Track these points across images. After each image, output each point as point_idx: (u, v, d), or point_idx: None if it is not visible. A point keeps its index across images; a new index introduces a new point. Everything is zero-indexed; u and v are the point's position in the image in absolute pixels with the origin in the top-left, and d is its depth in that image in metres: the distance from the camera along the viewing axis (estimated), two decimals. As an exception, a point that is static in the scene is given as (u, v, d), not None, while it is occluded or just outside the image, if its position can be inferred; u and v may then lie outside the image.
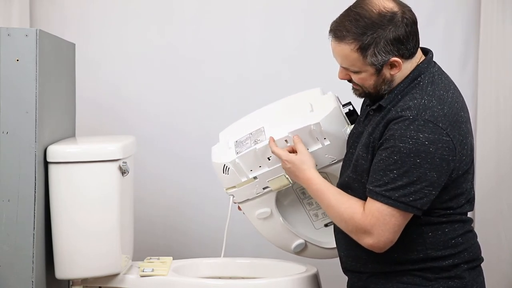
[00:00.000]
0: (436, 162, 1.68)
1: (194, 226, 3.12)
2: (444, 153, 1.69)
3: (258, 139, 2.07)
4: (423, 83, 1.77)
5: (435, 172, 1.69)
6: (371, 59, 1.75)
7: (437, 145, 1.68)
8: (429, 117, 1.69)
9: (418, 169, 1.68)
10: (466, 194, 1.80)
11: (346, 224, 1.79)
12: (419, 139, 1.67)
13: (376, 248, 1.75)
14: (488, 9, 2.96)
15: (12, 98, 2.02)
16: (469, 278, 1.79)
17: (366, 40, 1.73)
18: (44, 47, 2.08)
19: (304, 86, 2.89)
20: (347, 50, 1.76)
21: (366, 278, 1.86)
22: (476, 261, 1.83)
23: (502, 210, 2.98)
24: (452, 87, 1.79)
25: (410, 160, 1.68)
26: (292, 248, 2.22)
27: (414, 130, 1.68)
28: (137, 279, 2.25)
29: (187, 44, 3.08)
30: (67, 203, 2.13)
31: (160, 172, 3.10)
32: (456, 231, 1.79)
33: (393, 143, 1.70)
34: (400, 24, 1.73)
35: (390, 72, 1.78)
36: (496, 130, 2.97)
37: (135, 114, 3.09)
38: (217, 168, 2.14)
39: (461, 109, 1.76)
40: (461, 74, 3.04)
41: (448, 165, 1.70)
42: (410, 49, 1.77)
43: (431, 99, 1.72)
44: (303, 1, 3.06)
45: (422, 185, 1.69)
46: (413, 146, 1.67)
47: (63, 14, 3.06)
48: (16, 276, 2.03)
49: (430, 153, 1.67)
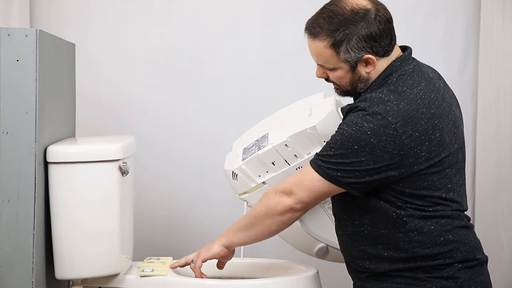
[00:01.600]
0: (376, 152, 1.72)
1: (194, 226, 3.12)
2: (388, 146, 1.71)
3: (261, 145, 2.12)
4: (391, 81, 1.79)
5: (372, 161, 1.73)
6: (344, 55, 1.78)
7: (380, 137, 1.71)
8: (380, 109, 1.72)
9: (354, 155, 1.73)
10: (442, 189, 1.79)
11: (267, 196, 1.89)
12: (362, 127, 1.72)
13: (288, 208, 1.84)
14: (488, 9, 2.96)
15: (12, 98, 2.02)
16: (465, 278, 1.78)
17: (339, 37, 1.77)
18: (44, 47, 2.08)
19: (305, 85, 2.91)
20: (321, 47, 1.80)
21: (364, 279, 1.87)
22: (474, 260, 1.81)
23: (502, 210, 2.98)
24: (422, 84, 1.79)
25: (348, 145, 1.74)
26: (315, 252, 2.24)
27: (361, 119, 1.73)
28: (137, 279, 2.25)
29: (187, 43, 3.08)
30: (67, 203, 2.13)
31: (160, 172, 3.10)
32: (443, 227, 1.78)
33: (341, 125, 1.78)
34: (372, 21, 1.76)
35: (366, 70, 1.81)
36: (496, 130, 2.97)
37: (135, 114, 3.09)
38: (227, 175, 2.19)
39: (425, 106, 1.75)
40: (461, 74, 3.04)
41: (392, 158, 1.72)
42: (384, 46, 1.79)
43: (389, 94, 1.76)
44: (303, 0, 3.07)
45: (354, 168, 1.74)
46: (355, 133, 1.73)
47: (63, 14, 3.06)
48: (16, 276, 2.03)
49: (370, 143, 1.72)
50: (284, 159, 2.08)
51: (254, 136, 2.21)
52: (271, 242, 3.00)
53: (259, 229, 1.93)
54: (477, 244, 1.84)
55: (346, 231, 1.89)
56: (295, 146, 2.06)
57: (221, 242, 2.03)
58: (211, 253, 2.04)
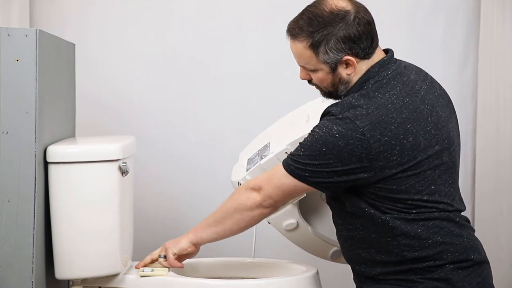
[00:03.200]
0: (344, 155, 1.74)
1: (194, 226, 3.12)
2: (355, 149, 1.73)
3: (264, 155, 2.14)
4: (366, 87, 1.80)
5: (339, 163, 1.75)
6: (323, 56, 1.80)
7: (348, 141, 1.73)
8: (349, 114, 1.74)
9: (322, 157, 1.75)
10: (424, 191, 1.78)
11: (237, 192, 1.94)
12: (331, 130, 1.74)
13: (257, 203, 1.88)
14: (488, 9, 2.96)
15: (12, 98, 2.02)
16: (457, 279, 1.77)
17: (317, 37, 1.79)
18: (44, 47, 2.08)
19: (305, 85, 2.89)
20: (301, 48, 1.83)
21: (363, 281, 1.88)
22: (467, 261, 1.79)
23: (502, 210, 2.98)
24: (398, 88, 1.78)
25: (317, 147, 1.76)
26: (329, 255, 2.25)
27: (331, 122, 1.76)
28: (137, 279, 2.25)
29: (187, 43, 3.08)
30: (67, 203, 2.13)
31: (160, 172, 3.10)
32: (430, 230, 1.78)
33: (313, 128, 1.80)
34: (351, 22, 1.77)
35: (346, 72, 1.82)
36: (496, 130, 2.97)
37: (135, 114, 3.09)
38: (234, 186, 2.22)
39: (396, 111, 1.75)
40: (461, 74, 3.04)
41: (360, 161, 1.73)
42: (364, 48, 1.79)
43: (360, 98, 1.77)
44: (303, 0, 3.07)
45: (322, 169, 1.77)
46: (324, 135, 1.75)
47: (63, 14, 3.06)
48: (16, 276, 2.03)
49: (338, 146, 1.73)
50: None
51: (257, 146, 2.25)
52: (272, 242, 3.01)
53: (228, 224, 1.96)
54: (472, 245, 1.82)
55: (342, 235, 1.91)
56: None
57: (189, 238, 2.07)
58: (179, 248, 2.08)
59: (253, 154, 2.22)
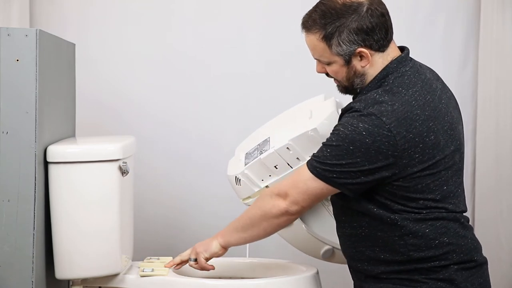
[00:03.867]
0: (371, 153, 1.71)
1: (194, 226, 3.12)
2: (382, 147, 1.71)
3: (263, 149, 2.11)
4: (387, 83, 1.79)
5: (367, 162, 1.72)
6: (336, 48, 1.79)
7: (375, 138, 1.71)
8: (374, 110, 1.72)
9: (350, 156, 1.73)
10: (437, 191, 1.78)
11: (262, 199, 1.90)
12: (357, 128, 1.72)
13: (284, 210, 1.84)
14: (488, 9, 2.96)
15: (12, 98, 2.02)
16: (461, 279, 1.78)
17: (329, 29, 1.78)
18: (44, 47, 2.08)
19: (305, 85, 2.90)
20: (314, 40, 1.82)
21: (363, 279, 1.88)
22: (471, 262, 1.80)
23: (502, 211, 2.98)
24: (418, 85, 1.78)
25: (344, 146, 1.73)
26: (321, 254, 2.23)
27: (356, 120, 1.73)
28: (137, 279, 2.25)
29: (187, 43, 3.08)
30: (67, 203, 2.13)
31: (160, 171, 3.10)
32: (438, 230, 1.78)
33: (337, 127, 1.77)
34: (364, 14, 1.76)
35: (361, 64, 1.81)
36: (496, 130, 2.97)
37: (135, 114, 3.09)
38: (231, 181, 2.18)
39: (420, 108, 1.75)
40: (461, 74, 3.04)
41: (387, 158, 1.72)
42: (378, 40, 1.78)
43: (384, 94, 1.75)
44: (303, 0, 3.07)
45: (349, 169, 1.74)
46: (350, 133, 1.72)
47: (63, 14, 3.06)
48: (16, 276, 2.03)
49: (365, 144, 1.71)
50: (287, 163, 2.08)
51: (255, 141, 2.21)
52: (271, 242, 3.01)
53: (255, 231, 1.94)
54: (475, 246, 1.83)
55: (345, 232, 1.89)
56: (297, 149, 2.05)
57: (218, 242, 2.04)
58: (210, 253, 2.06)
59: (251, 149, 2.19)
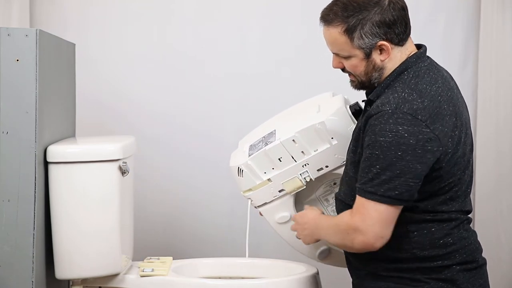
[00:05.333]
0: (419, 153, 1.69)
1: (194, 226, 3.12)
2: (427, 144, 1.69)
3: (269, 141, 2.10)
4: (407, 77, 1.78)
5: (418, 164, 1.69)
6: (358, 41, 1.77)
7: (418, 137, 1.68)
8: (408, 109, 1.70)
9: (401, 162, 1.69)
10: (450, 191, 1.77)
11: (340, 232, 1.81)
12: (398, 131, 1.68)
13: (369, 246, 1.75)
14: (488, 9, 2.96)
15: (12, 98, 2.02)
16: (463, 280, 1.78)
17: (352, 22, 1.76)
18: (44, 47, 2.08)
19: (305, 85, 2.91)
20: (335, 34, 1.79)
21: (363, 276, 1.87)
22: (473, 263, 1.80)
23: (502, 210, 2.98)
24: (440, 82, 1.78)
25: (392, 153, 1.69)
26: (317, 255, 2.21)
27: (393, 123, 1.69)
28: (137, 279, 2.25)
29: (187, 43, 3.08)
30: (67, 203, 2.13)
31: (160, 171, 3.10)
32: (443, 231, 1.77)
33: (374, 138, 1.71)
34: (386, 7, 1.76)
35: (380, 58, 1.79)
36: (496, 130, 2.97)
37: (135, 113, 3.09)
38: (233, 172, 2.16)
39: (446, 103, 1.75)
40: (461, 74, 3.04)
41: (433, 155, 1.70)
42: (398, 34, 1.78)
43: (412, 92, 1.73)
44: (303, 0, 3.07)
45: (406, 177, 1.69)
46: (393, 139, 1.68)
47: (63, 14, 3.06)
48: (16, 276, 2.03)
49: (411, 145, 1.68)
50: (291, 156, 2.07)
51: (260, 134, 2.19)
52: (271, 242, 3.01)
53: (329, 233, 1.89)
54: (477, 247, 1.83)
55: None
56: (303, 142, 2.04)
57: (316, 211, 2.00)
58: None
59: (256, 141, 2.16)
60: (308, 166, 2.06)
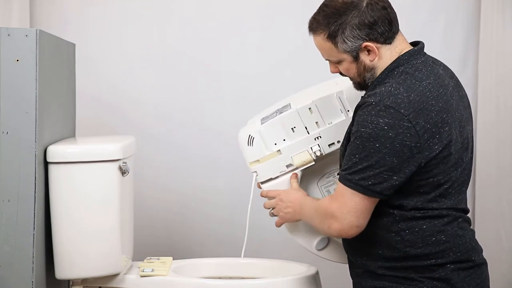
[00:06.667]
0: (396, 147, 1.70)
1: (194, 226, 3.13)
2: (405, 139, 1.70)
3: (283, 110, 2.10)
4: (398, 73, 1.79)
5: (394, 158, 1.71)
6: (342, 46, 1.80)
7: (397, 131, 1.70)
8: (391, 103, 1.71)
9: (377, 154, 1.71)
10: (440, 187, 1.77)
11: (318, 216, 1.86)
12: (378, 124, 1.71)
13: (343, 233, 1.79)
14: (488, 9, 2.96)
15: (12, 98, 2.02)
16: (458, 279, 1.77)
17: (332, 28, 1.80)
18: (44, 47, 2.08)
19: (305, 85, 2.89)
20: (321, 41, 1.84)
21: (360, 274, 1.88)
22: (468, 262, 1.79)
23: (502, 210, 2.98)
24: (431, 78, 1.78)
25: (370, 145, 1.72)
26: (315, 245, 2.19)
27: (375, 115, 1.72)
28: (137, 279, 2.25)
29: (188, 43, 3.09)
30: (67, 203, 2.13)
31: (160, 171, 3.11)
32: (434, 227, 1.77)
33: (357, 128, 1.75)
34: (364, 9, 1.78)
35: (369, 58, 1.81)
36: (496, 130, 2.98)
37: (136, 113, 3.09)
38: (242, 142, 2.12)
39: (434, 99, 1.75)
40: (461, 74, 3.03)
41: (411, 151, 1.71)
42: (382, 33, 1.79)
43: (399, 87, 1.75)
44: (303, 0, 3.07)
45: (380, 169, 1.72)
46: (373, 131, 1.71)
47: (63, 14, 3.06)
48: (16, 276, 2.03)
49: (389, 138, 1.70)
50: (305, 126, 2.06)
51: (273, 108, 2.17)
52: (271, 242, 3.01)
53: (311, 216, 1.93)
54: (474, 246, 1.82)
55: None
56: (319, 112, 2.05)
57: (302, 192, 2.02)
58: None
59: (268, 113, 2.14)
60: (320, 140, 2.06)
